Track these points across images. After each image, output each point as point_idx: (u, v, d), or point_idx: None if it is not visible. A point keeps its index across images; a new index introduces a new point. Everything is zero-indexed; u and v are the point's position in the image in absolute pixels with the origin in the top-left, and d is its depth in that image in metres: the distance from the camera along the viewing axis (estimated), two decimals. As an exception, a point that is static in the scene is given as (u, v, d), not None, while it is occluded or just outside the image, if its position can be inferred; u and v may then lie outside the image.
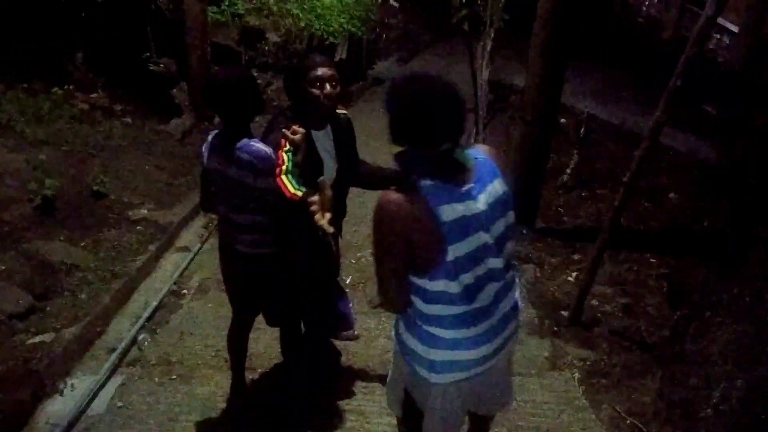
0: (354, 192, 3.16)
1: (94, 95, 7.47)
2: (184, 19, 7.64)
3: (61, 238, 4.79)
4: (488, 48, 7.15)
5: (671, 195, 7.05)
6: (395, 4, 14.29)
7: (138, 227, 5.27)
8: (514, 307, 2.16)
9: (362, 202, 4.24)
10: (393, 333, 2.24)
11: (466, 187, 1.91)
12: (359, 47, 11.70)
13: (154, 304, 4.41)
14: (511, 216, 2.03)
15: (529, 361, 3.74)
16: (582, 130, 7.06)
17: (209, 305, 4.38)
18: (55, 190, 5.03)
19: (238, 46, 9.44)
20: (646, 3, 13.63)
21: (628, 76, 12.07)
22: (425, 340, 2.06)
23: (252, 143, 2.69)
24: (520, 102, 6.01)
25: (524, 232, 5.82)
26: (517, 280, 2.20)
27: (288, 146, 2.62)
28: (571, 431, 3.21)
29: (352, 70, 11.31)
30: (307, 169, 2.67)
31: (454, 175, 1.92)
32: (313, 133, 2.77)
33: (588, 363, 3.75)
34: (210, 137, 2.84)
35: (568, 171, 7.17)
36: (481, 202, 1.93)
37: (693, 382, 2.84)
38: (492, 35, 7.96)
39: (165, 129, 7.54)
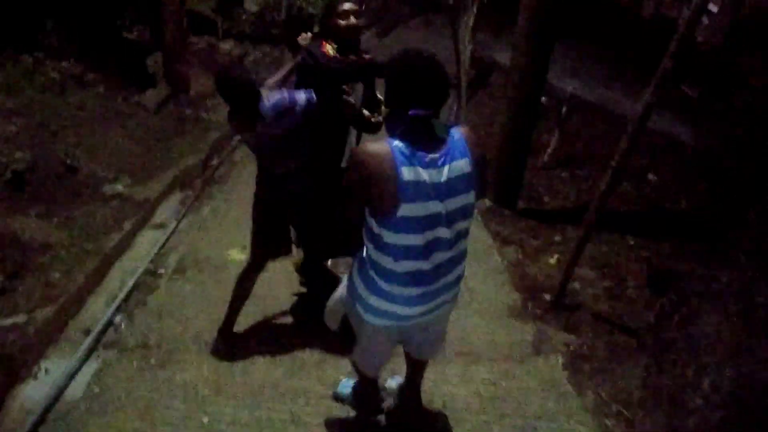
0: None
1: (65, 63, 7.20)
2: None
3: (33, 214, 4.63)
4: (470, 24, 7.01)
5: (650, 176, 7.06)
6: (377, -27, 14.04)
7: (112, 203, 5.12)
8: (458, 279, 2.42)
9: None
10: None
11: (432, 156, 2.11)
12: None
13: (131, 284, 4.29)
14: (471, 196, 2.23)
15: (513, 346, 3.73)
16: (564, 110, 7.00)
17: (187, 286, 4.27)
18: (25, 164, 4.86)
19: (215, 14, 9.19)
20: (629, -18, 13.56)
21: (608, 55, 12.03)
22: (367, 284, 2.32)
23: (269, 101, 3.12)
24: (505, 81, 5.93)
25: (505, 213, 5.80)
26: (465, 255, 2.40)
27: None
28: (557, 418, 3.20)
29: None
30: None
31: (425, 142, 2.11)
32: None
33: (572, 348, 3.74)
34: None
35: (549, 151, 7.13)
36: (444, 175, 2.12)
37: (680, 370, 2.84)
38: (475, 11, 7.84)
39: (139, 100, 7.33)
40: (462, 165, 2.16)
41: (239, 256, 4.62)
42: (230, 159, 7.02)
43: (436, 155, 2.11)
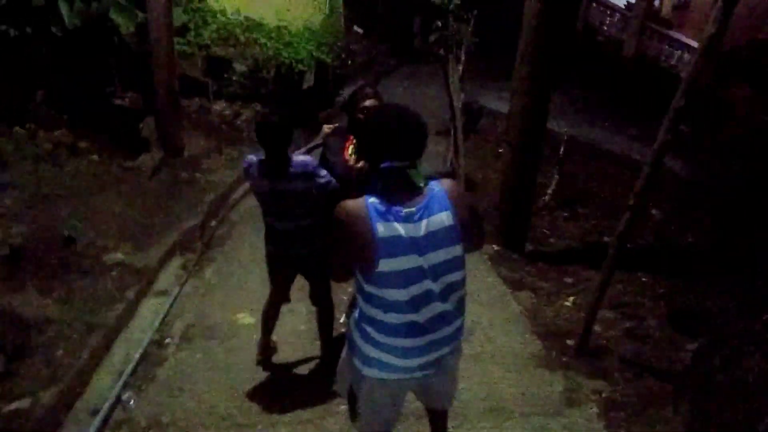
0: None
1: (57, 133, 7.12)
2: (150, 51, 7.38)
3: (32, 289, 4.47)
4: (460, 71, 7.02)
5: (654, 211, 7.01)
6: (359, 30, 14.23)
7: (113, 273, 4.97)
8: (457, 331, 2.33)
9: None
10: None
11: (408, 210, 2.10)
12: (326, 74, 11.57)
13: (137, 356, 4.12)
14: (458, 249, 2.18)
15: (544, 398, 3.56)
16: (561, 150, 6.99)
17: (197, 355, 4.10)
18: (22, 238, 4.73)
19: (205, 77, 9.20)
20: (607, 23, 13.80)
21: (593, 95, 12.18)
22: (363, 336, 2.28)
23: (295, 160, 3.40)
24: (506, 127, 5.90)
25: (514, 256, 5.69)
26: (463, 307, 2.34)
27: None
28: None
29: (320, 97, 11.16)
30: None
31: (401, 196, 2.12)
32: None
33: (603, 395, 3.59)
34: (254, 159, 3.48)
35: (549, 192, 7.08)
36: (422, 229, 2.10)
37: (730, 417, 2.69)
38: (463, 58, 7.89)
39: (133, 165, 7.24)
40: (443, 218, 2.14)
41: (249, 320, 4.48)
42: (228, 219, 6.92)
43: (413, 209, 2.11)
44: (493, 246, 5.67)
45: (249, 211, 6.84)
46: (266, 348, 4.04)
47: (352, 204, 2.13)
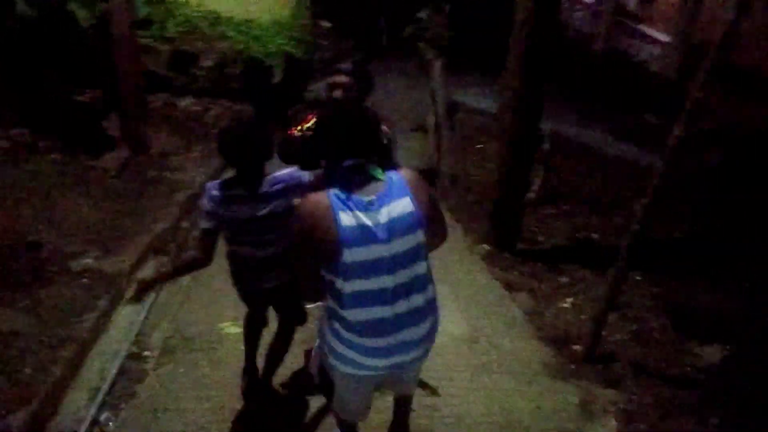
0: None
1: (13, 131, 6.70)
2: (112, 46, 6.97)
3: (-6, 300, 4.10)
4: (439, 66, 6.79)
5: (637, 207, 6.88)
6: (326, 24, 13.90)
7: (83, 280, 4.61)
8: (429, 334, 2.31)
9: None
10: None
11: (369, 199, 2.13)
12: (294, 69, 11.22)
13: (113, 372, 3.79)
14: (419, 235, 2.18)
15: (560, 412, 3.36)
16: (546, 146, 6.83)
17: (180, 369, 3.78)
18: (-18, 245, 4.34)
19: (170, 72, 8.80)
20: (578, 18, 13.78)
21: (564, 90, 12.08)
22: (331, 331, 2.29)
23: (276, 174, 2.93)
24: (500, 124, 5.70)
25: (506, 256, 5.50)
26: (432, 307, 2.31)
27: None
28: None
29: (288, 92, 10.82)
30: None
31: (360, 187, 2.16)
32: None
33: (620, 407, 3.41)
34: (213, 191, 2.91)
35: (535, 188, 6.92)
36: (383, 215, 2.12)
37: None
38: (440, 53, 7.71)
39: (98, 164, 6.82)
40: (403, 204, 2.16)
41: (234, 329, 4.18)
42: (201, 221, 6.56)
43: (373, 197, 2.14)
44: (484, 246, 5.48)
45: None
46: (253, 373, 3.58)
47: (313, 195, 2.18)
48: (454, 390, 2.88)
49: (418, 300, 2.22)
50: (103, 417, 3.41)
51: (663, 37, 11.12)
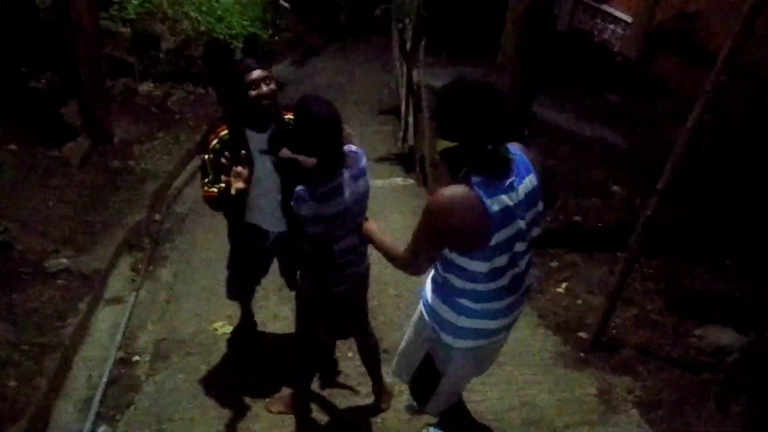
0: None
1: (-35, 121, 6.26)
2: (71, 28, 6.56)
3: (-35, 308, 3.80)
4: (421, 46, 6.60)
5: (614, 188, 6.91)
6: (286, 5, 13.53)
7: (59, 281, 4.34)
8: (528, 288, 2.46)
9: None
10: (421, 304, 2.54)
11: (508, 181, 2.13)
12: (256, 50, 10.88)
13: (104, 380, 3.56)
14: (540, 206, 2.28)
15: (581, 404, 3.29)
16: (526, 131, 6.76)
17: (179, 375, 3.56)
18: (-52, 248, 4.02)
19: (130, 55, 8.39)
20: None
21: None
22: (456, 309, 2.32)
23: (351, 149, 2.69)
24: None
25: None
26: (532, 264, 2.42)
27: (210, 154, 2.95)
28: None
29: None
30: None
31: (500, 170, 2.13)
32: (251, 133, 2.97)
33: (636, 395, 3.36)
34: (301, 193, 2.52)
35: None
36: (520, 193, 2.16)
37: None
38: (411, 33, 7.52)
39: (59, 155, 6.44)
40: (530, 179, 2.22)
41: (227, 328, 3.98)
42: (173, 212, 6.29)
43: (511, 178, 2.15)
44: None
45: (195, 202, 6.24)
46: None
47: (455, 191, 2.09)
48: (471, 384, 2.78)
49: (529, 260, 2.36)
50: (100, 430, 3.19)
51: (625, 17, 11.14)
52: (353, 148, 2.69)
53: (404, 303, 4.21)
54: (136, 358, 3.81)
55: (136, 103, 8.31)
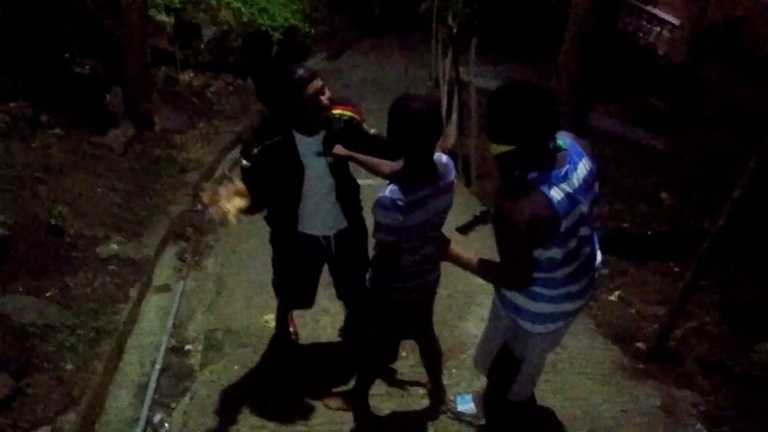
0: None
1: (13, 104, 6.29)
2: (120, 14, 6.59)
3: (21, 288, 3.81)
4: (473, 45, 6.53)
5: (663, 195, 6.80)
6: (321, -4, 13.55)
7: (110, 267, 4.35)
8: (597, 266, 2.56)
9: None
10: (494, 296, 2.65)
11: (563, 170, 2.22)
12: (293, 43, 10.88)
13: (157, 368, 3.56)
14: (596, 187, 2.38)
15: (646, 416, 3.22)
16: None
17: (235, 367, 3.55)
18: (6, 229, 4.03)
19: (172, 44, 8.41)
20: None
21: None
22: (533, 298, 2.42)
23: (442, 160, 2.55)
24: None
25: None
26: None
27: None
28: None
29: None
30: (286, 175, 2.86)
31: (553, 162, 2.23)
32: (299, 137, 2.82)
33: (701, 409, 3.30)
34: (399, 202, 2.35)
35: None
36: (576, 179, 2.25)
37: None
38: (455, 30, 7.46)
39: (103, 141, 6.46)
40: (584, 164, 2.31)
41: (280, 322, 3.96)
42: (215, 202, 6.28)
43: (565, 168, 2.23)
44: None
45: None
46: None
47: (518, 191, 2.20)
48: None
49: (595, 237, 2.51)
50: (156, 418, 3.19)
51: (672, 20, 10.99)
52: (444, 158, 2.54)
53: (456, 304, 4.17)
54: (188, 347, 3.81)
55: (176, 93, 8.34)
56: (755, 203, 6.18)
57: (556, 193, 2.17)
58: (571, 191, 2.21)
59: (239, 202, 2.77)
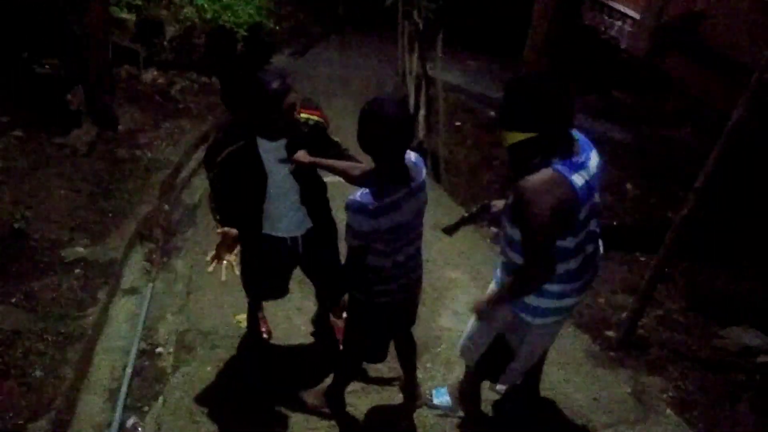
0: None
1: (-32, 105, 6.15)
2: (80, 11, 6.45)
3: (-15, 294, 3.73)
4: (439, 41, 6.55)
5: (628, 186, 6.92)
6: (286, -8, 13.42)
7: (77, 270, 4.27)
8: (599, 260, 2.59)
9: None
10: (491, 289, 2.68)
11: (581, 159, 2.27)
12: (257, 40, 10.77)
13: (128, 371, 3.51)
14: (602, 177, 2.40)
15: (618, 403, 3.29)
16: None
17: (207, 368, 3.51)
18: (-33, 233, 3.94)
19: (134, 42, 8.26)
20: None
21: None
22: (540, 293, 2.41)
23: (412, 160, 2.52)
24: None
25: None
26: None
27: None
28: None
29: (252, 65, 10.37)
30: (250, 179, 2.84)
31: (573, 151, 2.27)
32: (262, 142, 2.78)
33: (670, 395, 3.37)
34: (369, 206, 2.32)
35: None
36: (592, 168, 2.30)
37: None
38: (421, 25, 7.47)
39: (66, 142, 6.33)
40: (594, 155, 2.35)
41: (251, 322, 3.93)
42: (182, 202, 6.22)
43: (582, 157, 2.28)
44: (492, 228, 5.37)
45: (204, 193, 6.17)
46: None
47: (540, 175, 2.18)
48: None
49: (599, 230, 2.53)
50: (129, 422, 3.15)
51: (633, 14, 11.15)
52: (412, 157, 2.51)
53: (428, 299, 4.19)
54: (159, 349, 3.77)
55: (139, 91, 8.19)
56: (718, 193, 6.37)
57: (577, 179, 2.20)
58: (589, 179, 2.25)
59: (234, 248, 2.95)
